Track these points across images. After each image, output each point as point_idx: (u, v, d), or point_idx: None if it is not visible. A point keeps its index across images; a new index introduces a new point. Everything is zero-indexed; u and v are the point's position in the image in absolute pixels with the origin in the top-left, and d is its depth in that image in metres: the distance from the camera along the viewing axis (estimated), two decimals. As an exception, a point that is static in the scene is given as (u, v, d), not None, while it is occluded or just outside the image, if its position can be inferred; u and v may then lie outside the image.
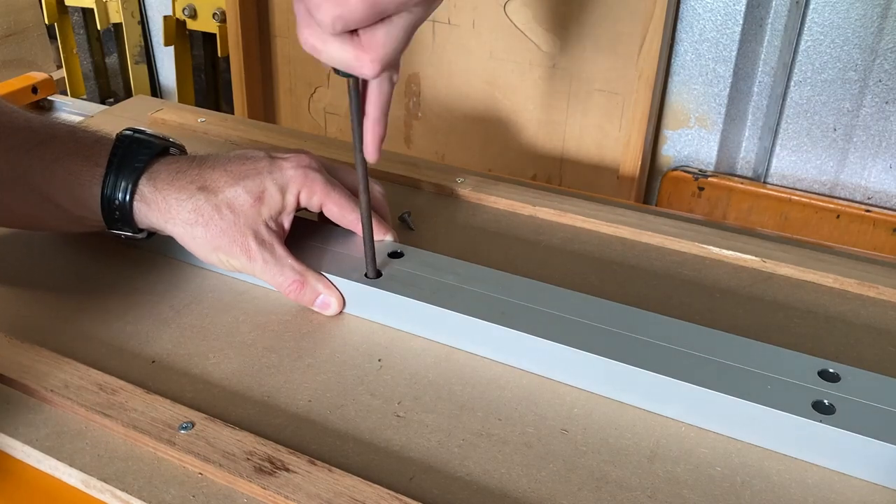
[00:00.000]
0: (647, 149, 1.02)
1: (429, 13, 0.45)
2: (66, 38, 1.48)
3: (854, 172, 0.96)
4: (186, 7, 1.31)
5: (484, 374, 0.51)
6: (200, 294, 0.59)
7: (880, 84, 0.90)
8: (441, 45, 1.10)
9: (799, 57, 0.93)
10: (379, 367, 0.52)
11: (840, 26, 0.90)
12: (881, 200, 0.96)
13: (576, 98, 1.04)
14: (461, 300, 0.53)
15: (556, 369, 0.51)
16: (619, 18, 0.97)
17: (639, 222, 0.67)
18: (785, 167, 1.00)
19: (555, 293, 0.54)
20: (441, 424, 0.47)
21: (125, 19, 1.41)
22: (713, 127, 1.01)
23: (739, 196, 1.01)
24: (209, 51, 1.35)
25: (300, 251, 0.57)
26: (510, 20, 1.04)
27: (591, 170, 1.07)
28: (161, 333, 0.54)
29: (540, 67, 1.05)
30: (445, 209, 0.71)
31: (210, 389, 0.49)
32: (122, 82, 1.47)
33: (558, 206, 0.69)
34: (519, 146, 1.11)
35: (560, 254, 0.65)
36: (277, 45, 1.23)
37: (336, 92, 1.22)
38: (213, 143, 0.82)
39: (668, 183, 1.05)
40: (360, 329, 0.55)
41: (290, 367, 0.51)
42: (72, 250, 0.64)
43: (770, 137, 0.99)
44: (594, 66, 1.01)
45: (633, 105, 1.00)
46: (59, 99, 1.17)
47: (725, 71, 0.97)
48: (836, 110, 0.94)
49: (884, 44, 0.88)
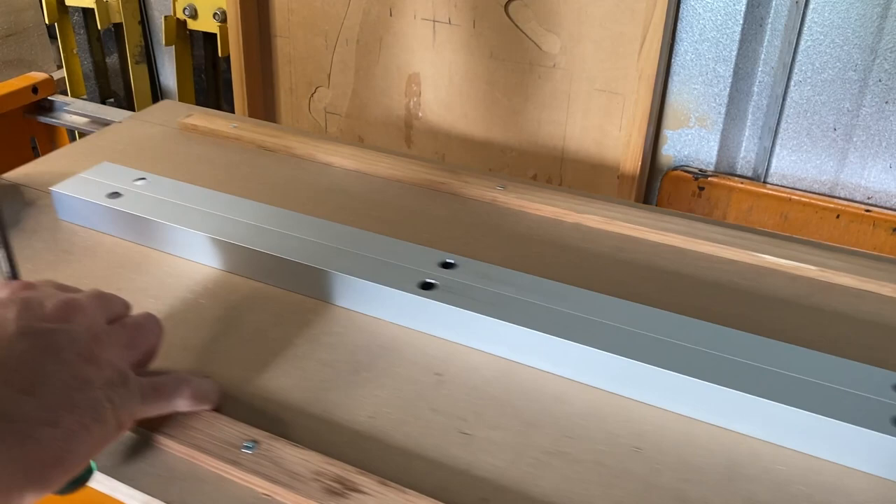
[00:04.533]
0: (648, 149, 1.02)
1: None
2: (67, 38, 1.48)
3: (854, 172, 0.96)
4: (187, 7, 1.31)
5: (547, 390, 0.49)
6: (247, 305, 0.57)
7: (880, 84, 0.90)
8: (441, 45, 1.10)
9: (799, 57, 0.93)
10: (438, 381, 0.50)
11: (840, 26, 0.90)
12: (881, 200, 0.96)
13: (576, 98, 1.04)
14: (521, 312, 0.51)
15: (625, 385, 0.48)
16: (619, 18, 0.97)
17: (687, 230, 0.65)
18: (785, 167, 1.00)
19: (616, 305, 0.52)
20: (509, 442, 0.45)
21: (125, 19, 1.41)
22: (713, 127, 1.01)
23: (739, 196, 1.01)
24: (209, 51, 1.35)
25: (343, 261, 0.55)
26: (510, 20, 1.04)
27: (592, 170, 1.07)
28: (215, 348, 0.52)
29: (540, 67, 1.05)
30: (489, 217, 0.69)
31: (268, 405, 0.48)
32: (122, 82, 1.47)
33: (604, 213, 0.67)
34: (519, 146, 1.11)
35: (610, 263, 0.63)
36: (278, 45, 1.23)
37: (337, 92, 1.22)
38: (245, 149, 0.81)
39: (669, 183, 1.05)
40: (415, 341, 0.53)
41: (347, 382, 0.50)
42: (113, 260, 0.62)
43: (770, 137, 0.99)
44: (594, 66, 1.01)
45: (633, 105, 1.00)
46: (59, 99, 1.17)
47: (725, 71, 0.97)
48: (835, 110, 0.94)
49: (884, 44, 0.88)
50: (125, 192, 0.65)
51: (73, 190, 0.66)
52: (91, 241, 0.65)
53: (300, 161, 0.79)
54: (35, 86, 1.14)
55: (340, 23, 1.16)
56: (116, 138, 0.83)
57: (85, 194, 0.65)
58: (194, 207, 0.63)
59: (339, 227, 0.61)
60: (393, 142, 1.20)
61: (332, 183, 0.75)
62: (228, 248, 0.60)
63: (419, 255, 0.57)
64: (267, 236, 0.60)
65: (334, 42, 1.18)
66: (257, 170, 0.77)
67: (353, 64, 1.18)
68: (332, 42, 1.18)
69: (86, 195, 0.65)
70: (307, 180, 0.75)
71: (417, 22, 1.10)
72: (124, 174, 0.68)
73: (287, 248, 0.58)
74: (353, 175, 0.76)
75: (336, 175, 0.76)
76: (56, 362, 0.38)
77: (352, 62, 1.18)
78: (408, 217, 0.69)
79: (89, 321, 0.41)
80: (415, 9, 1.09)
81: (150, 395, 0.42)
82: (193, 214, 0.62)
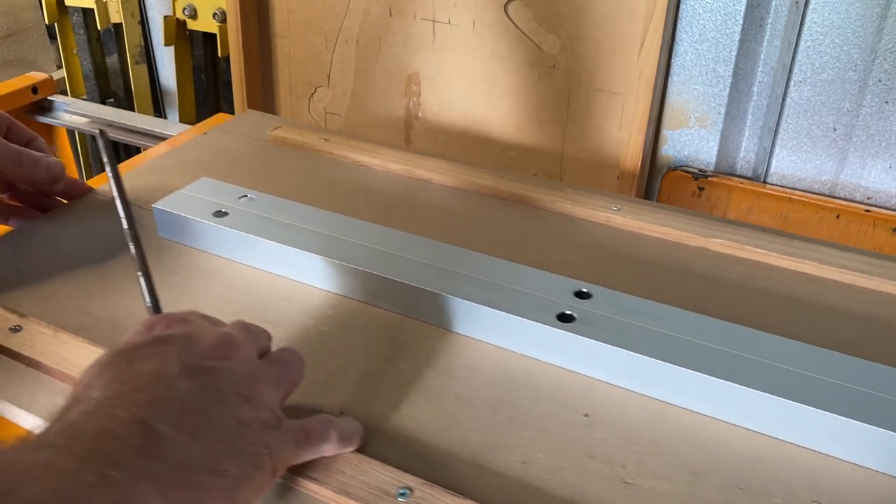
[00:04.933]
0: (648, 149, 1.02)
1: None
2: (66, 38, 1.48)
3: (854, 172, 0.96)
4: (187, 7, 1.31)
5: (708, 434, 0.46)
6: (370, 332, 0.54)
7: (880, 84, 0.90)
8: (441, 45, 1.10)
9: (799, 57, 0.93)
10: (587, 423, 0.47)
11: (840, 26, 0.90)
12: (881, 200, 0.96)
13: (576, 98, 1.04)
14: (671, 349, 0.47)
15: (796, 433, 0.45)
16: (619, 18, 0.97)
17: (819, 256, 0.61)
18: (785, 167, 1.00)
19: (774, 342, 0.48)
20: (678, 494, 0.42)
21: (125, 19, 1.41)
22: (713, 127, 1.01)
23: (739, 196, 1.01)
24: (209, 51, 1.36)
25: (471, 288, 0.52)
26: (510, 20, 1.04)
27: (592, 170, 1.07)
28: (342, 380, 0.50)
29: (540, 67, 1.05)
30: (604, 240, 0.65)
31: (412, 446, 0.45)
32: (122, 82, 1.47)
33: (730, 237, 0.64)
34: (519, 146, 1.11)
35: (743, 291, 0.59)
36: (277, 45, 1.23)
37: (337, 92, 1.22)
38: (339, 164, 0.78)
39: (669, 183, 1.05)
40: (553, 377, 0.50)
41: (489, 421, 0.47)
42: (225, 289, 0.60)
43: (770, 137, 0.99)
44: (594, 66, 1.01)
45: (633, 105, 1.00)
46: (59, 99, 1.17)
47: (725, 71, 0.97)
48: (835, 110, 0.94)
49: (884, 44, 0.88)
50: (231, 209, 0.63)
51: (175, 207, 0.63)
52: (196, 261, 0.63)
53: (396, 177, 0.76)
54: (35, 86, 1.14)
55: (340, 23, 1.16)
56: (204, 151, 0.81)
57: (189, 212, 0.63)
58: (305, 227, 0.61)
59: (457, 251, 0.58)
60: (392, 142, 1.20)
61: (432, 200, 0.72)
62: (345, 271, 0.57)
63: (549, 282, 0.54)
64: (384, 259, 0.57)
65: (334, 42, 1.18)
66: (356, 186, 0.74)
67: (353, 64, 1.18)
68: (331, 42, 1.18)
69: (190, 213, 0.63)
70: (406, 197, 0.73)
71: (417, 22, 1.10)
72: (227, 191, 0.66)
73: (408, 273, 0.55)
74: (453, 192, 0.74)
75: (435, 192, 0.74)
76: (220, 403, 0.36)
77: (352, 62, 1.18)
78: (519, 239, 0.66)
79: (246, 357, 0.40)
80: (415, 9, 1.09)
81: (301, 440, 0.40)
82: (305, 235, 0.60)
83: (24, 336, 0.52)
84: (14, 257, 0.63)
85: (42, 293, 0.58)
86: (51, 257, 0.63)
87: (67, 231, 0.67)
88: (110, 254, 0.63)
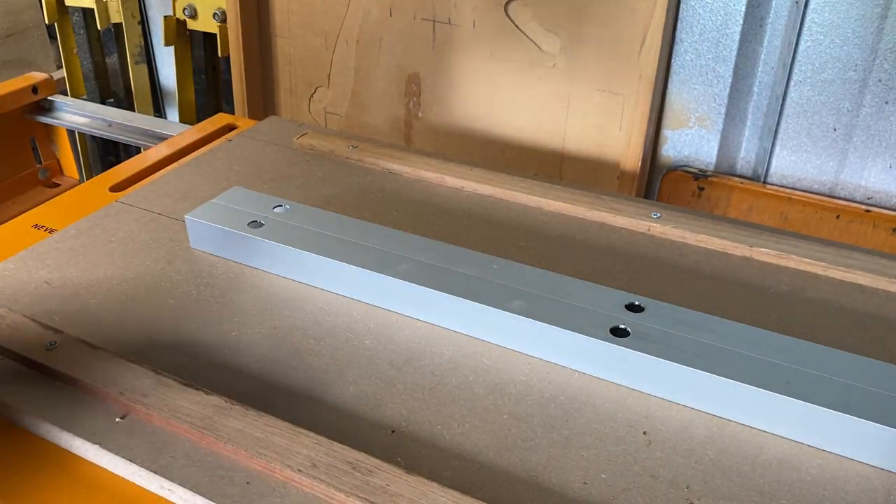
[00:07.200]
0: (648, 149, 1.02)
1: None
2: (66, 38, 1.48)
3: (854, 172, 0.96)
4: (187, 7, 1.31)
5: (772, 453, 0.45)
6: (417, 348, 0.53)
7: (880, 84, 0.90)
8: (441, 45, 1.10)
9: (799, 57, 0.93)
10: (647, 442, 0.46)
11: (840, 26, 0.90)
12: (881, 200, 0.96)
13: (576, 98, 1.04)
14: (731, 364, 0.46)
15: (866, 452, 0.44)
16: (619, 18, 0.97)
17: (874, 266, 0.59)
18: (785, 167, 1.00)
19: (837, 357, 0.47)
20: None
21: (125, 19, 1.41)
22: (713, 127, 1.01)
23: (739, 196, 1.01)
24: (209, 51, 1.35)
25: (520, 301, 0.50)
26: (510, 20, 1.04)
27: (592, 170, 1.07)
28: (389, 396, 0.49)
29: (540, 67, 1.05)
30: (645, 248, 0.64)
31: (468, 467, 0.44)
32: (122, 82, 1.47)
33: (777, 246, 0.62)
34: (519, 146, 1.11)
35: (794, 302, 0.58)
36: (277, 45, 1.23)
37: (336, 92, 1.22)
38: (369, 171, 0.77)
39: (669, 183, 1.05)
40: (609, 394, 0.49)
41: (546, 440, 0.46)
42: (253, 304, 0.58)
43: (770, 137, 0.99)
44: (594, 66, 1.01)
45: (633, 105, 1.00)
46: (59, 99, 1.17)
47: (725, 71, 0.97)
48: (835, 110, 0.94)
49: (884, 44, 0.88)
50: (265, 220, 0.62)
51: (209, 218, 0.62)
52: (231, 272, 0.62)
53: (428, 184, 0.75)
54: (35, 86, 1.14)
55: (340, 23, 1.16)
56: (230, 158, 0.80)
57: (223, 223, 0.62)
58: (346, 239, 0.60)
59: (501, 262, 0.57)
60: (392, 142, 1.20)
61: (467, 209, 0.72)
62: (389, 284, 0.56)
63: (599, 295, 0.53)
64: (427, 272, 0.56)
65: (334, 42, 1.18)
66: (388, 194, 0.74)
67: (352, 64, 1.18)
68: (331, 42, 1.18)
69: (224, 224, 0.62)
70: (441, 205, 0.72)
71: (417, 22, 1.10)
72: (260, 200, 0.65)
73: (454, 287, 0.54)
74: (488, 201, 0.73)
75: (469, 200, 0.73)
76: None
77: (352, 62, 1.18)
78: (559, 248, 0.65)
79: None
80: (415, 9, 1.09)
81: None
82: (347, 247, 0.59)
83: (59, 353, 0.50)
84: (41, 269, 0.62)
85: (74, 307, 0.57)
86: (81, 269, 0.62)
87: (95, 241, 0.66)
88: (142, 265, 0.62)
